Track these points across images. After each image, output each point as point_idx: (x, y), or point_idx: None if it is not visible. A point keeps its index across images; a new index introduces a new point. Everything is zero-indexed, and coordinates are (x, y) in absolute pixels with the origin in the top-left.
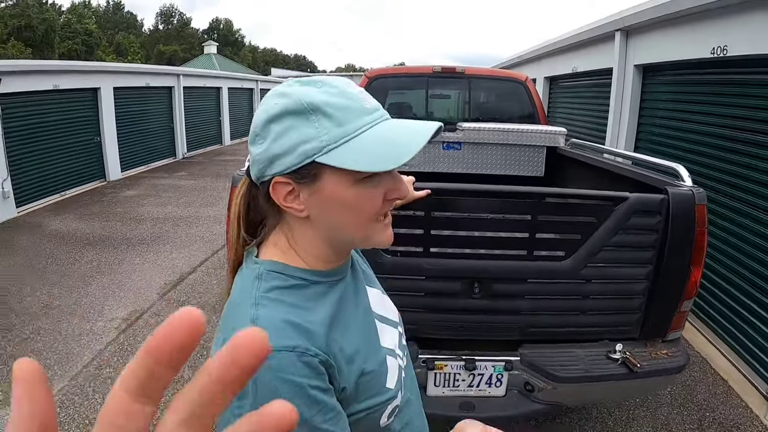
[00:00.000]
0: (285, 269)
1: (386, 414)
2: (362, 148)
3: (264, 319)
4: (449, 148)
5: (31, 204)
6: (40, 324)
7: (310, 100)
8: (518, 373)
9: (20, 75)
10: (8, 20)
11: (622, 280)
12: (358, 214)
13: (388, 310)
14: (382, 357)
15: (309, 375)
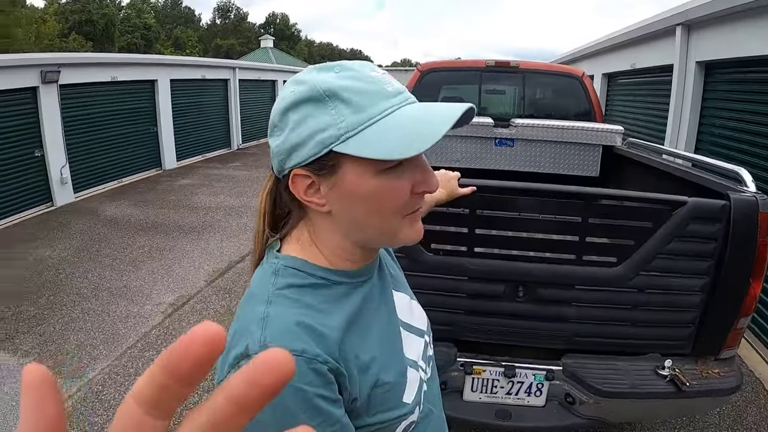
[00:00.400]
0: (304, 266)
1: (400, 429)
2: (382, 135)
3: (274, 318)
4: (501, 145)
5: (88, 190)
6: (89, 305)
7: (327, 86)
8: (560, 383)
9: (79, 67)
10: (69, 15)
11: (675, 291)
12: (381, 209)
13: (415, 317)
14: (402, 368)
15: (316, 383)
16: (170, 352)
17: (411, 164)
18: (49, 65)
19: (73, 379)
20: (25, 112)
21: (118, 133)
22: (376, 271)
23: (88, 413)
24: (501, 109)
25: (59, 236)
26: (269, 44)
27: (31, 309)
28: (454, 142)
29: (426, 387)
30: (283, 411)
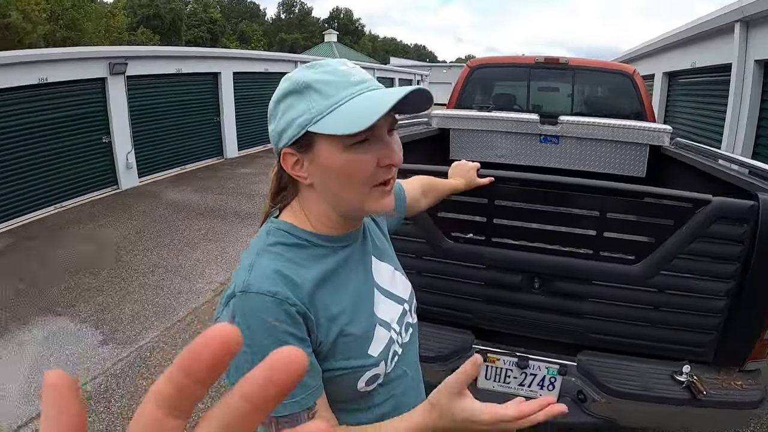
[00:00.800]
0: (292, 229)
1: (364, 379)
2: (343, 116)
3: (259, 267)
4: (546, 142)
5: (152, 175)
6: (146, 280)
7: (304, 80)
8: (573, 379)
9: (145, 59)
10: (138, 10)
11: (697, 294)
12: (350, 179)
13: (396, 286)
14: (370, 324)
15: (286, 321)
16: (187, 353)
17: (376, 140)
18: (116, 57)
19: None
20: (94, 101)
21: (182, 123)
22: (360, 240)
23: (135, 376)
24: (550, 106)
25: (123, 217)
26: (333, 39)
27: (93, 281)
28: (499, 138)
29: (401, 350)
30: (259, 347)
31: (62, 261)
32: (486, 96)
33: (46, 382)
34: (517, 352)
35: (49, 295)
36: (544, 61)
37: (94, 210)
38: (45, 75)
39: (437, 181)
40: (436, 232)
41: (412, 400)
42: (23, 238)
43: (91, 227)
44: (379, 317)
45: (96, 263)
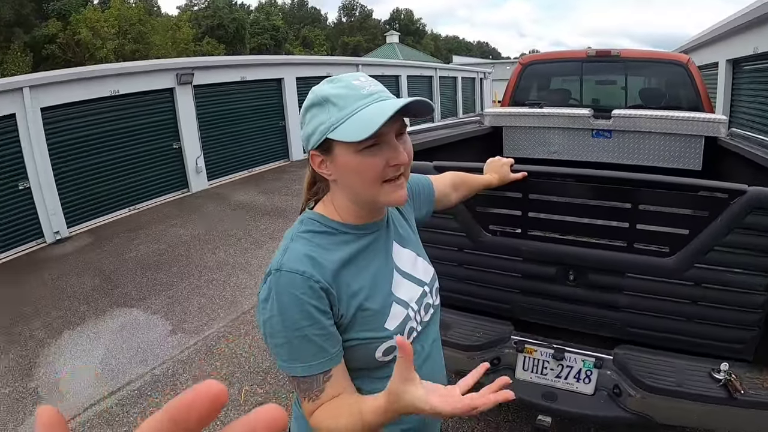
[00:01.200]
0: (322, 219)
1: (381, 350)
2: (353, 124)
3: (291, 250)
4: (599, 136)
5: (221, 178)
6: (214, 276)
7: (324, 94)
8: (609, 373)
9: (211, 69)
10: (202, 21)
11: (735, 288)
12: (362, 177)
13: (418, 270)
14: (387, 301)
15: (310, 295)
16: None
17: (385, 144)
18: (183, 68)
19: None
20: (164, 110)
21: (248, 128)
22: (384, 228)
23: (200, 362)
24: (605, 99)
25: (193, 217)
26: (395, 40)
27: (164, 277)
28: (551, 134)
29: (420, 328)
30: (290, 320)
31: (136, 258)
32: (539, 92)
33: (37, 420)
34: (554, 343)
35: (124, 289)
36: (596, 55)
37: (166, 211)
38: (117, 87)
39: (469, 176)
40: (475, 226)
41: (427, 374)
42: (101, 237)
43: (163, 227)
44: (396, 296)
45: (167, 261)
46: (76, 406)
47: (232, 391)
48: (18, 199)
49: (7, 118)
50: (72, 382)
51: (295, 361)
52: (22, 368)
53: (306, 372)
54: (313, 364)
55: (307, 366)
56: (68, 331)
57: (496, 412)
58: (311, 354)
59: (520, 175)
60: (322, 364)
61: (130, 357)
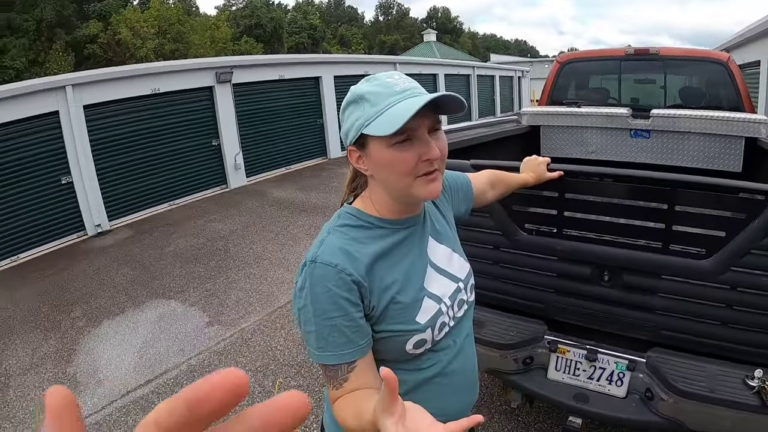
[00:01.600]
0: (359, 213)
1: (411, 342)
2: (384, 120)
3: (327, 243)
4: (637, 136)
5: (259, 175)
6: (251, 270)
7: (359, 91)
8: (641, 376)
9: (249, 68)
10: (240, 20)
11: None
12: (394, 172)
13: (453, 265)
14: (419, 295)
15: (341, 287)
16: (195, 391)
17: (417, 139)
18: (222, 67)
19: (228, 328)
20: (203, 108)
21: (286, 125)
22: (420, 223)
23: (236, 354)
24: (643, 98)
25: (231, 213)
26: (432, 38)
27: (202, 270)
28: (589, 133)
29: (452, 323)
30: (321, 309)
31: (175, 252)
32: (578, 91)
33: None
34: (587, 344)
35: (162, 281)
36: (634, 53)
37: (204, 207)
38: (157, 85)
39: (506, 174)
40: (511, 225)
41: (459, 368)
42: (141, 231)
43: (202, 222)
44: (429, 290)
45: (206, 255)
46: (113, 393)
47: (266, 382)
48: (61, 193)
49: (50, 115)
50: (110, 369)
51: (323, 349)
52: (62, 354)
53: (332, 360)
54: (339, 353)
55: (333, 355)
56: (108, 320)
57: (527, 413)
58: (338, 344)
59: (556, 174)
60: (348, 354)
61: (168, 347)
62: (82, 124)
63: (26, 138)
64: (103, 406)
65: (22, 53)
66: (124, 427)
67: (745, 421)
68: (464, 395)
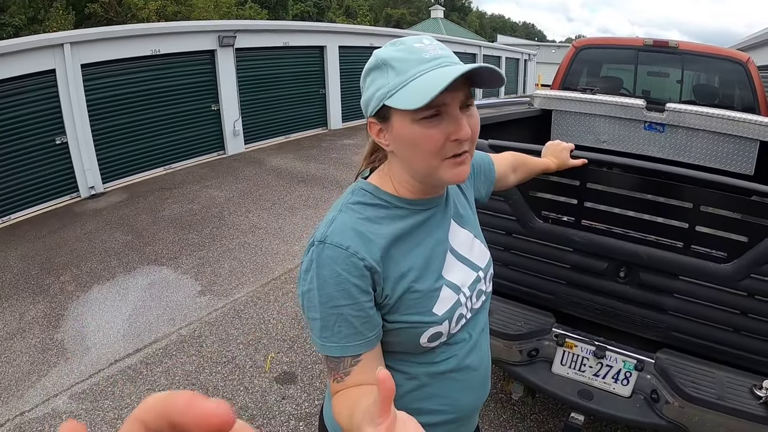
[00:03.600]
0: (374, 190)
1: (426, 335)
2: (411, 91)
3: (338, 222)
4: (651, 129)
5: (258, 142)
6: (246, 239)
7: (383, 57)
8: (649, 377)
9: (253, 33)
10: None
11: None
12: (418, 150)
13: (473, 253)
14: (437, 284)
15: (353, 272)
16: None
17: (447, 116)
18: (226, 31)
19: (220, 298)
20: (204, 72)
21: (287, 94)
22: (442, 205)
23: (227, 325)
24: (657, 91)
25: (228, 180)
26: (439, 15)
27: (196, 237)
28: (601, 122)
29: (469, 314)
30: (327, 296)
31: (169, 217)
32: (591, 78)
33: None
34: (595, 340)
35: (155, 247)
36: (653, 44)
37: (201, 172)
38: (157, 47)
39: (529, 158)
40: (527, 211)
41: (473, 363)
42: (135, 194)
43: (198, 188)
44: (447, 279)
45: (200, 221)
46: (101, 361)
47: (258, 357)
48: (55, 154)
49: (47, 74)
50: (98, 336)
51: (326, 339)
52: (50, 320)
53: (335, 352)
54: (344, 345)
55: (337, 346)
56: (98, 286)
57: (524, 404)
58: (344, 335)
59: (580, 162)
60: (354, 347)
61: (158, 315)
62: (79, 84)
63: (21, 96)
64: (90, 375)
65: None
66: (111, 398)
67: (746, 429)
68: (477, 391)
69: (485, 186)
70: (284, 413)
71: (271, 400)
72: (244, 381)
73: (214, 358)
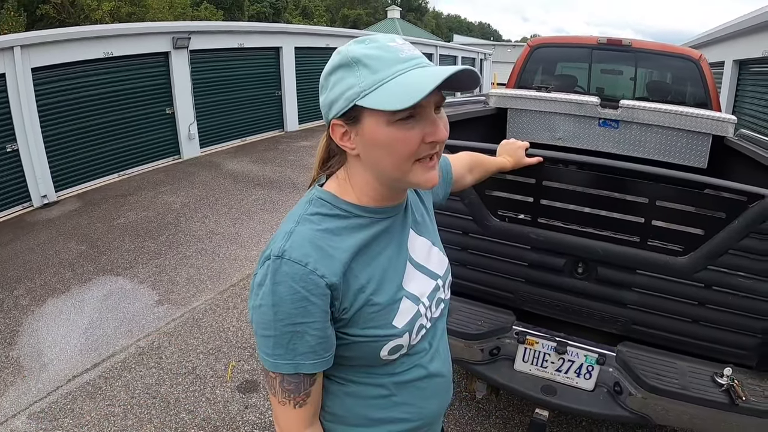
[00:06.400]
0: (333, 200)
1: (386, 348)
2: (390, 92)
3: (296, 235)
4: (605, 126)
5: (213, 146)
6: (203, 246)
7: (354, 54)
8: (611, 370)
9: (208, 34)
10: None
11: (745, 293)
12: (393, 154)
13: (431, 261)
14: (396, 296)
15: (312, 291)
16: None
17: (422, 118)
18: (180, 32)
19: (178, 307)
20: (158, 74)
21: (243, 96)
22: (401, 213)
23: (186, 335)
24: (611, 89)
25: (184, 185)
26: (396, 15)
27: (152, 245)
28: (557, 120)
29: (429, 324)
30: (284, 313)
31: (124, 225)
32: (546, 76)
33: None
34: (556, 336)
35: (110, 256)
36: (607, 42)
37: (156, 178)
38: (110, 49)
39: (485, 158)
40: (483, 210)
41: (434, 371)
42: (89, 202)
43: (153, 194)
44: (407, 290)
45: (156, 228)
46: (58, 378)
47: (219, 366)
48: (5, 162)
49: None
50: (55, 351)
51: (279, 357)
52: (4, 336)
53: (287, 370)
54: (298, 363)
55: (290, 364)
56: (53, 299)
57: (488, 401)
58: (299, 352)
59: (535, 160)
60: (309, 365)
61: (115, 327)
62: (30, 89)
63: None
64: (49, 393)
65: None
66: (71, 416)
67: (712, 418)
68: (442, 397)
69: (443, 188)
70: (248, 423)
71: (234, 410)
72: (205, 392)
73: (174, 370)
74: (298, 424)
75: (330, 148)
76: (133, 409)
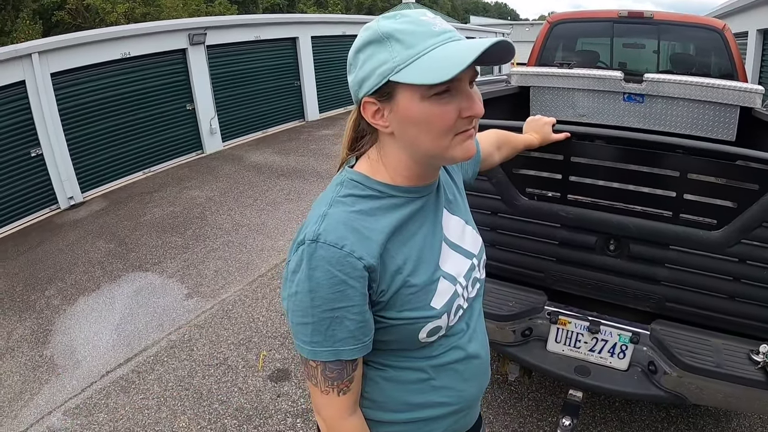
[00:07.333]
0: (365, 180)
1: (425, 330)
2: (426, 66)
3: (330, 218)
4: (630, 101)
5: (235, 139)
6: (230, 238)
7: (385, 30)
8: (645, 349)
9: (224, 29)
10: None
11: None
12: (429, 129)
13: (465, 240)
14: (434, 277)
15: (350, 274)
16: None
17: (458, 92)
18: (195, 29)
19: (207, 300)
20: (176, 71)
21: (262, 88)
22: (434, 192)
23: (217, 326)
24: (635, 63)
25: (208, 179)
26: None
27: (179, 239)
28: (580, 96)
29: (466, 305)
30: (322, 299)
31: (151, 222)
32: (567, 53)
33: None
34: (589, 316)
35: (139, 253)
36: (628, 15)
37: (180, 174)
38: (128, 50)
39: (512, 135)
40: (511, 189)
41: (472, 352)
42: (115, 201)
43: (178, 190)
44: (444, 270)
45: (182, 223)
46: (92, 374)
47: (250, 356)
48: (31, 167)
49: (17, 86)
50: (88, 349)
51: (317, 344)
52: (38, 336)
53: (332, 357)
54: (338, 349)
55: (330, 351)
56: (84, 297)
57: (520, 383)
58: (338, 338)
59: (563, 136)
60: (349, 351)
61: (146, 322)
62: (50, 94)
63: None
64: (83, 389)
65: None
66: (105, 411)
67: (749, 396)
68: (480, 380)
69: (472, 167)
70: (280, 411)
71: (267, 399)
72: (237, 382)
73: (205, 361)
74: (342, 412)
75: (360, 128)
76: (167, 401)
